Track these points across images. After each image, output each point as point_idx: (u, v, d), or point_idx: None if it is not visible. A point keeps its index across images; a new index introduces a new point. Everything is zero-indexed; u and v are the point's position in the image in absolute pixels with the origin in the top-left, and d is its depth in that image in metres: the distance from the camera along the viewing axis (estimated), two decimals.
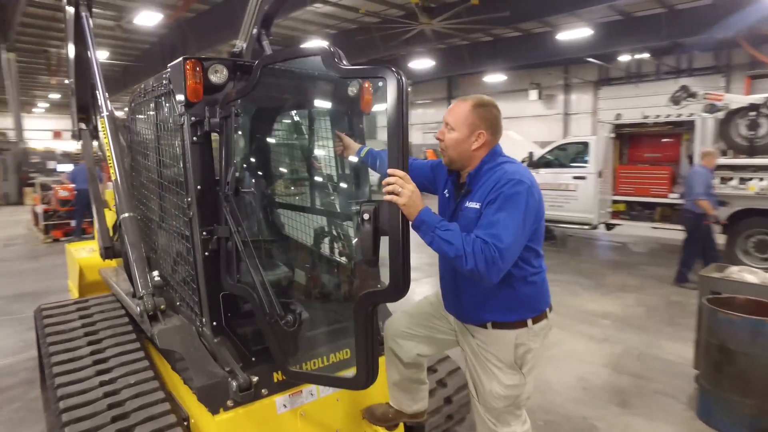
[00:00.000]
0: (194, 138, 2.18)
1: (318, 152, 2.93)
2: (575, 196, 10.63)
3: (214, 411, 2.12)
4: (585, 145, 10.82)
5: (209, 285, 2.23)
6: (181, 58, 2.18)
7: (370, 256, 1.65)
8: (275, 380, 2.33)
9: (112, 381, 2.42)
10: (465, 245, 1.71)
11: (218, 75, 2.22)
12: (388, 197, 1.66)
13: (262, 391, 2.28)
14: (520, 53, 21.58)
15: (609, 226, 11.14)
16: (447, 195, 2.21)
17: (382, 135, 1.70)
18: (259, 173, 2.68)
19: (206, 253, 2.20)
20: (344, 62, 1.75)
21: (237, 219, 2.17)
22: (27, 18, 17.04)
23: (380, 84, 1.66)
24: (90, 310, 3.21)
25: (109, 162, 2.88)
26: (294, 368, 2.21)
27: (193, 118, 2.17)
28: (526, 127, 26.24)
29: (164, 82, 2.40)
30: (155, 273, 2.52)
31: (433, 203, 2.01)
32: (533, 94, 27.42)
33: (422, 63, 23.73)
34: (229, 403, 2.16)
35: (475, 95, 2.05)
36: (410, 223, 1.72)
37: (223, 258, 2.20)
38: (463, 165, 2.08)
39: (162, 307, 2.41)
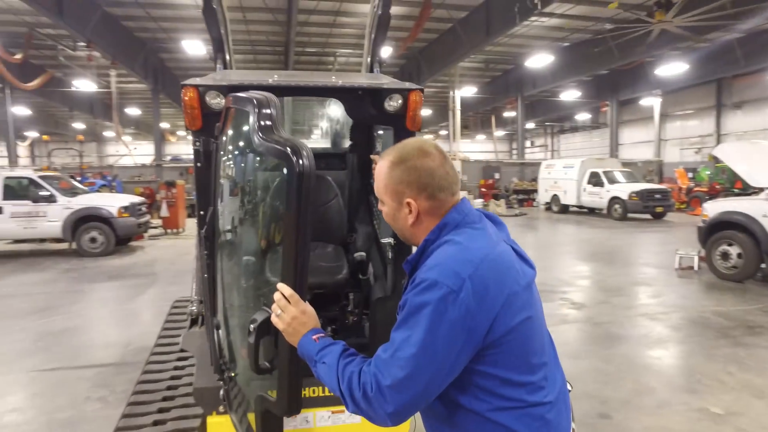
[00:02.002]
0: (198, 164, 2.17)
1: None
2: None
3: (207, 412, 2.28)
4: None
5: (212, 300, 2.25)
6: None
7: (252, 369, 1.46)
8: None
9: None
10: (340, 383, 1.26)
11: (217, 102, 2.07)
12: (272, 318, 1.39)
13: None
14: None
15: None
16: None
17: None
18: (231, 222, 2.23)
19: (208, 262, 2.21)
20: (265, 122, 1.50)
21: (211, 261, 2.13)
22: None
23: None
24: None
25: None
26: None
27: (197, 144, 2.15)
28: None
29: None
30: None
31: None
32: None
33: (673, 68, 20.47)
34: (221, 408, 2.22)
35: (398, 146, 1.40)
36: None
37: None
38: (416, 243, 1.44)
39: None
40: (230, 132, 1.96)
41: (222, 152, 2.04)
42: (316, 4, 15.55)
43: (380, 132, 3.22)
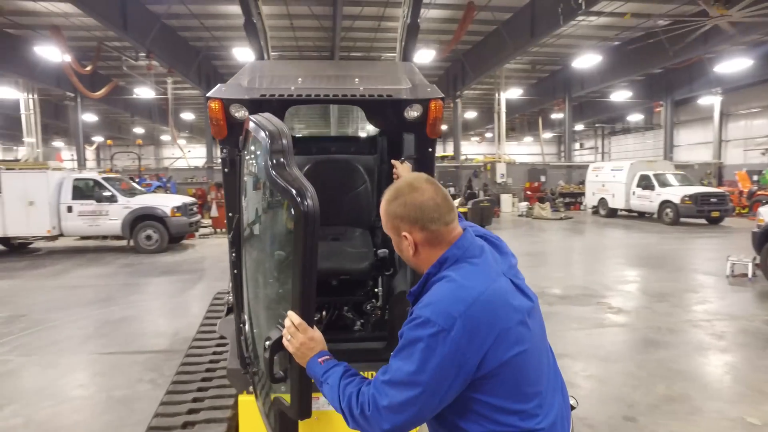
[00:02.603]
0: (225, 170, 2.26)
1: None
2: None
3: (239, 391, 2.41)
4: None
5: (238, 298, 2.37)
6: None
7: (268, 378, 1.61)
8: None
9: None
10: (341, 401, 1.39)
11: (240, 113, 2.14)
12: (283, 341, 1.53)
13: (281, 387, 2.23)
14: None
15: None
16: None
17: None
18: (251, 233, 2.24)
19: (235, 271, 2.33)
20: (276, 159, 1.56)
21: (237, 262, 2.24)
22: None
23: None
24: None
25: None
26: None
27: (223, 151, 2.24)
28: None
29: None
30: None
31: None
32: None
33: (735, 64, 19.39)
34: (251, 388, 2.30)
35: (393, 184, 1.54)
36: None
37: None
38: (422, 272, 1.54)
39: None
40: (250, 148, 2.00)
41: (244, 167, 2.12)
42: (360, 10, 15.88)
43: None
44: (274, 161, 1.54)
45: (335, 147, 3.17)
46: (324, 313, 2.77)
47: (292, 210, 1.48)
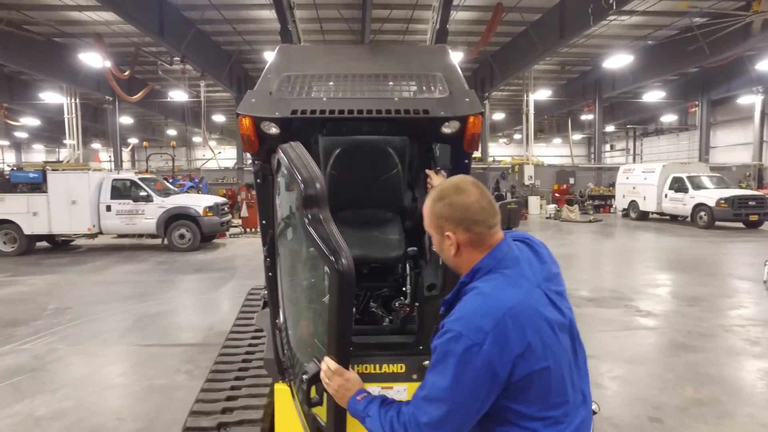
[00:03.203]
0: (257, 180, 2.28)
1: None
2: None
3: (274, 379, 2.46)
4: None
5: (273, 309, 2.43)
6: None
7: (305, 403, 1.69)
8: None
9: None
10: (384, 428, 1.46)
11: (272, 130, 2.12)
12: (324, 385, 1.61)
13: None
14: None
15: None
16: None
17: None
18: (285, 256, 2.20)
19: (269, 273, 2.38)
20: (314, 214, 1.54)
21: (273, 273, 2.27)
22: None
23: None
24: None
25: None
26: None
27: (256, 164, 2.25)
28: None
29: None
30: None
31: None
32: None
33: None
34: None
35: (439, 185, 1.59)
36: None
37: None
38: (461, 273, 1.59)
39: None
40: (284, 180, 1.94)
41: (277, 192, 2.09)
42: (389, 13, 16.03)
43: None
44: (310, 216, 1.53)
45: (367, 127, 3.12)
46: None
47: (327, 268, 1.51)
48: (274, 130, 2.12)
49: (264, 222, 2.31)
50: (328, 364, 1.57)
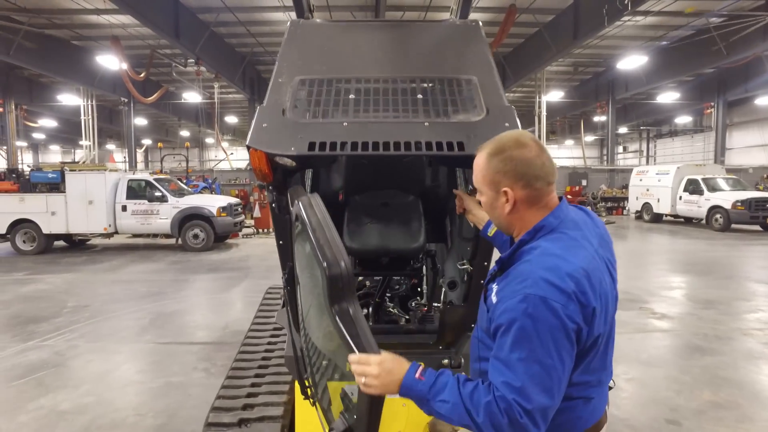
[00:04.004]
0: (273, 206, 2.16)
1: None
2: None
3: (295, 377, 2.37)
4: None
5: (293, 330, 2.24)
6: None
7: None
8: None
9: None
10: (475, 416, 1.23)
11: (285, 161, 1.95)
12: (362, 388, 1.32)
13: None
14: None
15: None
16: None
17: None
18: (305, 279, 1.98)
19: (287, 287, 2.22)
20: (341, 305, 1.38)
21: (292, 300, 2.15)
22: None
23: None
24: None
25: None
26: None
27: (271, 191, 2.13)
28: None
29: None
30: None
31: None
32: None
33: None
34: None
35: (496, 138, 1.44)
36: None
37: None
38: (512, 232, 1.50)
39: None
40: (298, 228, 1.76)
41: (295, 239, 1.88)
42: (402, 15, 16.05)
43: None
44: (336, 308, 1.38)
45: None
46: (369, 310, 2.84)
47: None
48: (288, 161, 1.94)
49: (281, 242, 2.17)
50: (352, 359, 1.32)
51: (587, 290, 1.25)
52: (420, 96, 2.15)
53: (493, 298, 1.38)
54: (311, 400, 1.93)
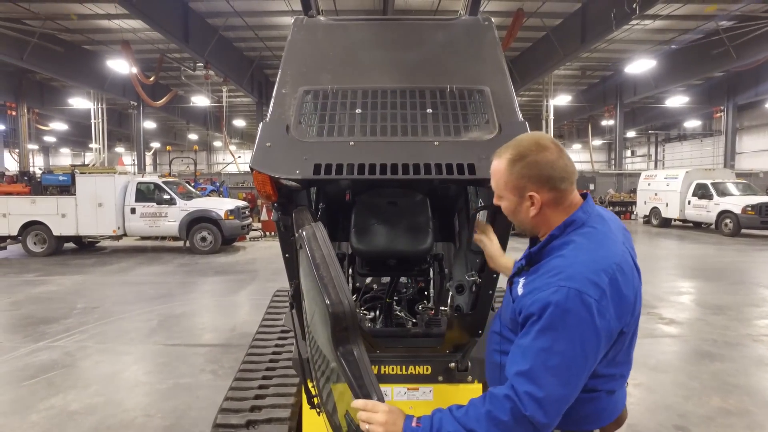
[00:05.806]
0: (278, 223, 2.14)
1: None
2: None
3: (303, 380, 2.34)
4: None
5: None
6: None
7: None
8: None
9: None
10: (478, 429, 1.24)
11: (290, 182, 1.90)
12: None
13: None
14: None
15: None
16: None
17: None
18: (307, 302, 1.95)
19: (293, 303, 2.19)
20: (345, 347, 1.38)
21: (299, 313, 2.13)
22: None
23: None
24: None
25: None
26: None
27: (277, 210, 2.08)
28: None
29: None
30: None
31: None
32: None
33: None
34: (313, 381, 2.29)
35: (512, 142, 1.45)
36: None
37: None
38: (538, 233, 1.50)
39: None
40: (302, 253, 1.70)
41: (300, 263, 1.82)
42: None
43: None
44: (341, 350, 1.38)
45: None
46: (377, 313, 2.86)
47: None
48: (293, 183, 1.88)
49: (287, 255, 2.12)
50: (358, 406, 1.32)
51: (620, 285, 1.27)
52: (430, 111, 2.07)
53: (519, 290, 1.41)
54: (317, 410, 1.90)
